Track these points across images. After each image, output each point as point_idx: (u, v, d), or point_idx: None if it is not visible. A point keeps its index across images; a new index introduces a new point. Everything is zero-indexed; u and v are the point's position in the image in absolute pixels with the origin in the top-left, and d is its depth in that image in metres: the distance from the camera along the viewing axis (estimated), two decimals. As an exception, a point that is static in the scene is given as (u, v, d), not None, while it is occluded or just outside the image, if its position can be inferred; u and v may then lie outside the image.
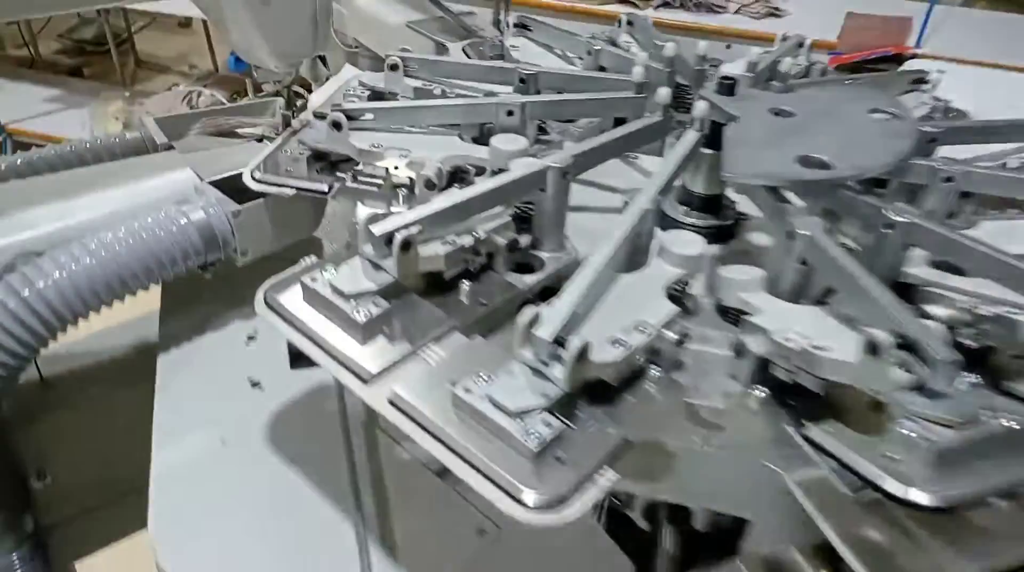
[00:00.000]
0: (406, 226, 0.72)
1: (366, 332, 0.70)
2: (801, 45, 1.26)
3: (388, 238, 0.72)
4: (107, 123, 3.17)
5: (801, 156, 0.78)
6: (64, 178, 1.04)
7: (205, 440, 0.89)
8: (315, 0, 1.01)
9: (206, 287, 1.10)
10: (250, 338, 1.03)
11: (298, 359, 0.99)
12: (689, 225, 0.97)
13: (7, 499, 1.12)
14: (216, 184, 1.00)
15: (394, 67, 1.10)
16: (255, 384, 0.97)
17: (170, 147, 1.10)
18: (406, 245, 0.72)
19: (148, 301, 1.11)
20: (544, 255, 0.85)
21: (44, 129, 3.18)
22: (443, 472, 0.86)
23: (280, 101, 1.13)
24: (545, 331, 0.62)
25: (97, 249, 0.88)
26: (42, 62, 3.85)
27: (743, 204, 1.03)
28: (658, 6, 2.36)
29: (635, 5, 2.35)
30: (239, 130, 1.12)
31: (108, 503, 1.25)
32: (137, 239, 0.89)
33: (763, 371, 0.70)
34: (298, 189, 0.94)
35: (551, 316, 0.64)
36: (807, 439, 0.65)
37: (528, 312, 0.64)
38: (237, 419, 0.92)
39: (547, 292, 0.85)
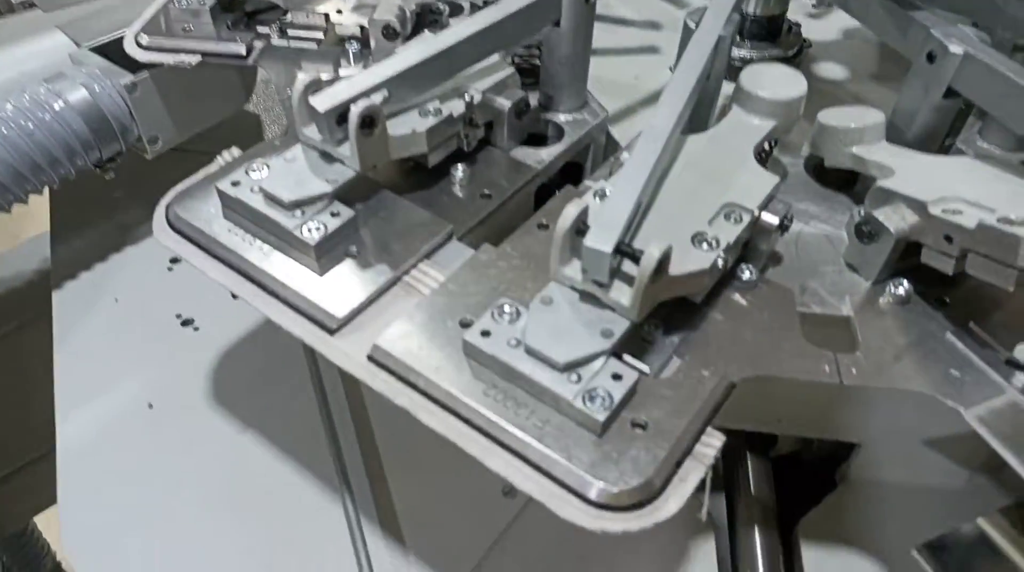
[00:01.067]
0: (365, 94, 0.48)
1: (323, 257, 0.47)
2: None
3: (340, 114, 0.47)
4: None
5: (930, -63, 0.53)
6: None
7: (125, 403, 0.67)
8: None
9: (108, 193, 0.85)
10: (175, 261, 0.78)
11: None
12: (740, 60, 0.73)
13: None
14: (100, 50, 0.72)
15: None
16: (186, 322, 0.73)
17: (30, 5, 0.82)
18: (368, 121, 0.47)
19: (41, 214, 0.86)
20: (561, 118, 0.61)
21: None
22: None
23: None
24: (602, 240, 0.40)
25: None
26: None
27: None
28: None
29: None
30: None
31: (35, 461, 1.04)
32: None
33: (902, 258, 0.49)
34: (203, 54, 0.67)
35: (607, 215, 0.41)
36: (1011, 361, 0.44)
37: (571, 210, 0.41)
38: (166, 371, 0.69)
39: (570, 169, 0.62)
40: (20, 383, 0.93)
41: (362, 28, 0.68)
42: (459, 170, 0.55)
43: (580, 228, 0.41)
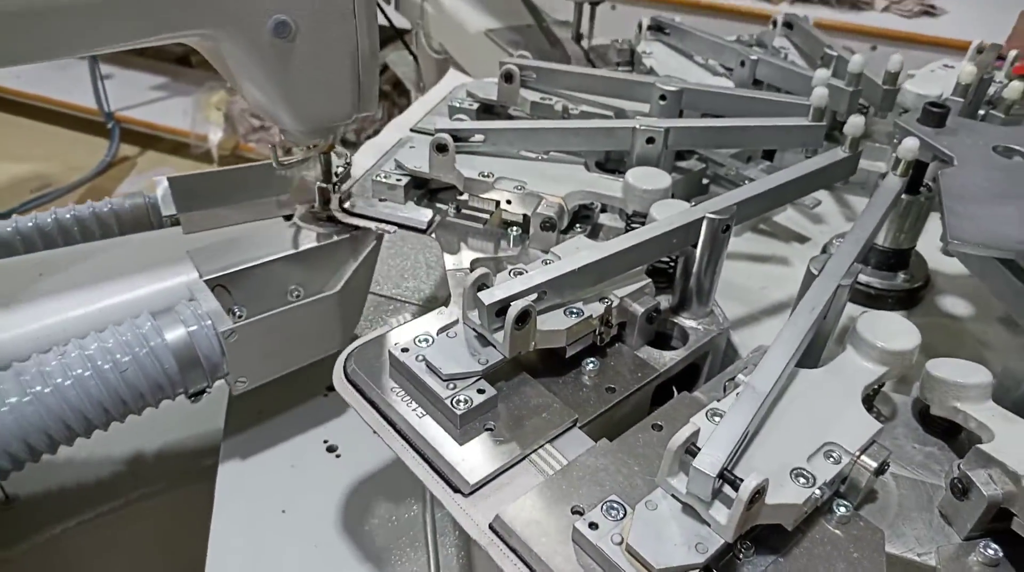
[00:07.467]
0: (523, 294, 0.57)
1: (465, 426, 0.56)
2: (1002, 58, 1.04)
3: (500, 308, 0.57)
4: (209, 112, 3.17)
5: (1050, 219, 0.59)
6: (23, 265, 0.90)
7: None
8: (357, 46, 0.70)
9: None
10: (330, 388, 0.88)
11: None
12: (864, 286, 0.79)
13: None
14: (219, 282, 0.76)
15: (509, 77, 0.95)
16: (331, 448, 0.83)
17: (176, 222, 0.85)
18: (522, 317, 0.56)
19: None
20: (688, 324, 0.68)
21: (149, 117, 3.20)
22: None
23: (306, 174, 0.82)
24: (708, 462, 0.46)
25: (32, 380, 0.65)
26: (152, 49, 3.88)
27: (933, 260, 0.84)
28: (793, 0, 2.08)
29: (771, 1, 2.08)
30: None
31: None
32: (91, 370, 0.67)
33: (996, 519, 0.52)
34: (395, 224, 0.79)
35: (716, 442, 0.47)
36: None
37: (684, 432, 0.47)
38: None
39: (688, 369, 0.68)
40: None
41: (525, 217, 0.79)
42: (590, 364, 0.63)
43: (690, 449, 0.47)
